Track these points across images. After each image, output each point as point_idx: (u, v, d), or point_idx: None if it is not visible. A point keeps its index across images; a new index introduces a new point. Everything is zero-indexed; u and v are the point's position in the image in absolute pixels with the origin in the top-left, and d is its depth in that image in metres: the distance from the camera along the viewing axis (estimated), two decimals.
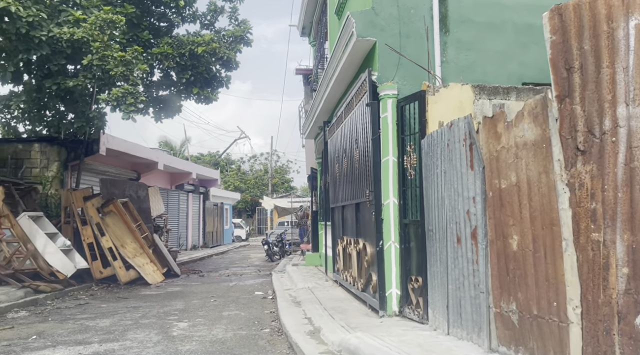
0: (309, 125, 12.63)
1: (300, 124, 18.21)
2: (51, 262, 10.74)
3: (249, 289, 10.97)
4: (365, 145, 6.85)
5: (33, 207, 12.00)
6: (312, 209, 13.98)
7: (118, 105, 9.38)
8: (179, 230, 22.34)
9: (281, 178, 50.72)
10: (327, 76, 8.88)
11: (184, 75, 11.51)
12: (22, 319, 7.36)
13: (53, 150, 13.47)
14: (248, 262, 19.22)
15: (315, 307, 7.36)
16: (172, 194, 21.94)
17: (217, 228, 29.31)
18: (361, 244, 7.31)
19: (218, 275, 14.16)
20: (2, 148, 13.37)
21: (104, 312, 8.10)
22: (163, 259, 13.82)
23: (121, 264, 11.83)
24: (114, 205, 12.64)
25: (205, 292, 10.62)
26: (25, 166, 13.14)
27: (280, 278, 12.01)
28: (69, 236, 12.05)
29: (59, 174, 13.47)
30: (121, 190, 13.97)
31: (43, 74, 9.79)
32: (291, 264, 14.59)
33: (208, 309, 8.36)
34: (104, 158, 15.37)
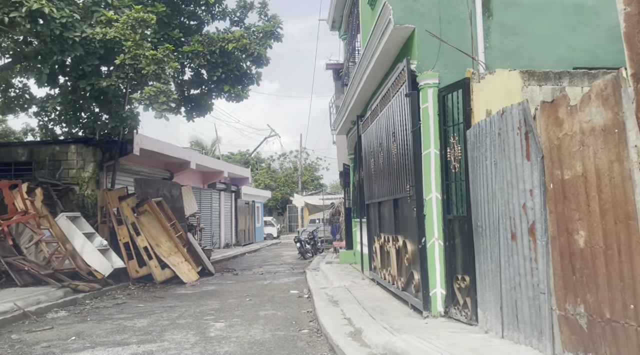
0: (341, 120, 12.37)
1: (331, 120, 17.98)
2: (89, 262, 10.86)
3: (284, 288, 10.82)
4: (404, 138, 6.55)
5: (71, 207, 12.17)
6: (345, 206, 13.73)
7: (151, 104, 9.36)
8: (212, 229, 22.47)
9: (311, 175, 50.64)
10: (360, 68, 8.61)
11: (215, 73, 11.43)
12: (62, 319, 7.39)
13: (89, 151, 13.66)
14: (281, 260, 19.14)
15: (354, 307, 7.12)
16: (205, 192, 22.08)
17: (249, 226, 29.42)
18: (401, 241, 7.02)
19: (252, 273, 14.09)
20: (40, 150, 13.64)
21: (141, 311, 8.08)
22: (197, 258, 13.85)
23: (156, 263, 11.88)
24: (149, 204, 12.70)
25: (240, 290, 10.53)
26: (62, 167, 13.37)
27: (314, 276, 11.82)
28: (105, 236, 12.18)
29: (95, 175, 13.65)
30: (155, 190, 14.06)
31: (77, 75, 9.88)
32: (325, 261, 14.39)
33: (244, 309, 8.23)
34: (138, 158, 15.52)
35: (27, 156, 13.62)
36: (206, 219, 21.63)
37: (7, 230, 9.86)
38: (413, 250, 6.46)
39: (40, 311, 7.59)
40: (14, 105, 13.64)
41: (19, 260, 9.42)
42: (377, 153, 8.49)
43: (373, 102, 8.72)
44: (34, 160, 13.57)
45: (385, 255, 8.23)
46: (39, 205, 10.98)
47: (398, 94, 6.73)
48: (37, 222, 10.21)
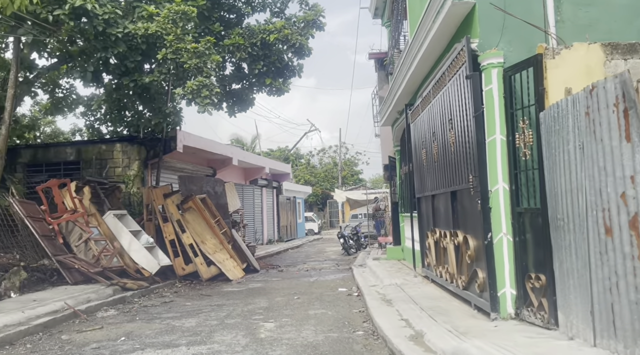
0: (386, 111, 11.87)
1: (374, 112, 17.47)
2: (136, 260, 10.86)
3: (331, 285, 10.48)
4: (463, 124, 6.03)
5: (117, 205, 12.25)
6: (391, 200, 13.22)
7: (193, 98, 9.20)
8: (255, 225, 22.43)
9: (350, 170, 50.15)
10: (410, 53, 8.10)
11: (256, 66, 11.17)
12: (111, 318, 7.30)
13: (133, 150, 13.74)
14: (324, 256, 18.83)
15: (411, 307, 6.67)
16: (247, 189, 22.04)
17: (291, 222, 29.30)
18: (460, 237, 6.51)
19: (297, 270, 13.82)
20: (87, 149, 13.83)
21: (189, 310, 7.91)
22: (242, 255, 13.71)
23: (202, 260, 11.78)
24: (193, 201, 12.63)
25: (286, 288, 10.25)
26: (108, 166, 13.51)
27: (362, 273, 11.41)
28: (151, 233, 12.19)
29: (140, 172, 13.72)
30: (199, 187, 14.00)
31: (120, 72, 9.85)
32: (371, 258, 13.95)
33: (293, 308, 7.93)
34: (181, 155, 15.54)
35: (75, 155, 13.84)
36: (249, 215, 21.59)
37: (57, 229, 9.96)
38: (476, 246, 5.94)
39: (90, 310, 7.54)
40: (62, 105, 13.88)
41: (69, 258, 9.48)
42: (430, 143, 7.97)
43: (424, 89, 8.19)
44: (81, 159, 13.76)
45: (440, 252, 7.72)
46: (87, 203, 11.07)
47: (456, 77, 6.21)
48: (86, 221, 10.27)
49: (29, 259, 9.28)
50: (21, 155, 13.84)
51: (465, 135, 5.98)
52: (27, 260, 9.19)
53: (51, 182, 10.14)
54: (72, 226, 10.24)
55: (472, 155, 5.69)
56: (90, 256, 10.09)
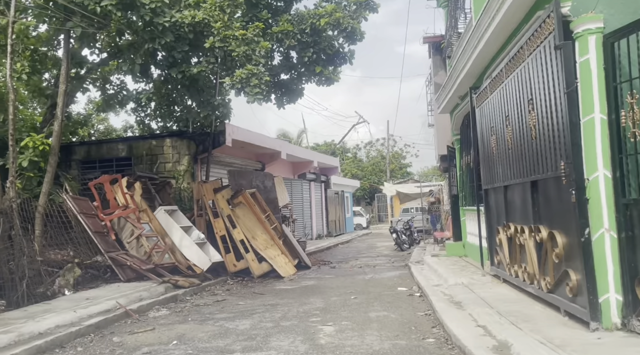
0: (445, 97, 11.05)
1: (427, 100, 16.62)
2: (188, 256, 10.65)
3: (389, 283, 9.84)
4: (549, 104, 5.23)
5: (168, 201, 12.11)
6: (450, 193, 12.40)
7: (242, 88, 8.79)
8: (304, 220, 22.06)
9: (398, 163, 49.01)
10: (478, 30, 7.30)
11: (306, 54, 10.64)
12: (163, 318, 7.01)
13: (183, 144, 13.59)
14: (376, 251, 18.19)
15: (486, 311, 5.95)
16: (295, 183, 21.68)
17: (339, 216, 28.78)
18: (544, 233, 5.71)
19: (350, 266, 13.27)
20: (138, 145, 13.81)
21: (242, 310, 7.52)
22: (293, 250, 13.30)
23: (253, 256, 11.45)
24: (243, 196, 12.32)
25: (341, 286, 9.72)
26: (159, 161, 13.42)
27: (420, 270, 10.71)
28: (202, 229, 11.97)
29: (190, 168, 13.56)
30: (248, 181, 13.70)
31: (168, 63, 9.59)
32: (428, 254, 13.18)
33: (351, 309, 7.37)
34: (230, 150, 15.30)
35: (126, 152, 13.85)
36: (297, 210, 21.23)
37: (109, 225, 9.87)
38: (566, 243, 5.15)
39: (142, 309, 7.29)
40: (113, 102, 13.92)
41: (122, 255, 9.35)
42: (501, 128, 7.16)
43: (494, 69, 7.38)
44: (133, 155, 13.76)
45: (515, 249, 6.92)
46: (138, 199, 10.95)
47: (539, 50, 5.40)
48: (137, 217, 10.13)
49: (82, 255, 9.21)
50: (75, 152, 14.01)
51: (551, 116, 5.18)
52: (81, 257, 9.12)
53: (103, 178, 10.06)
54: (123, 222, 10.14)
55: (563, 139, 4.90)
56: (142, 253, 9.94)
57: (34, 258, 7.90)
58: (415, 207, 26.28)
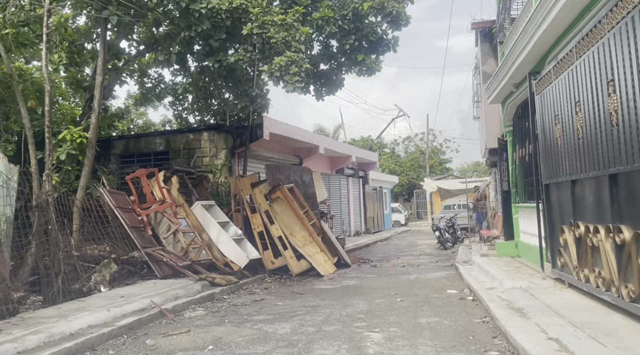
0: (497, 85, 10.25)
1: (474, 90, 15.74)
2: (225, 252, 10.32)
3: (436, 285, 9.20)
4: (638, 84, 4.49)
5: (205, 196, 11.84)
6: (501, 189, 11.57)
7: (281, 76, 8.32)
8: (342, 216, 21.53)
9: (438, 159, 47.70)
10: (543, 7, 6.55)
11: (347, 41, 10.07)
12: (199, 319, 6.64)
13: (220, 138, 13.31)
14: (418, 249, 17.47)
15: (556, 321, 5.26)
16: (333, 178, 21.17)
17: (378, 213, 28.11)
18: (627, 234, 4.96)
19: (392, 265, 12.65)
20: (175, 139, 13.63)
21: (281, 312, 7.07)
22: (332, 248, 12.81)
23: (292, 253, 11.02)
24: (281, 191, 11.91)
25: (385, 287, 9.15)
26: (196, 155, 13.19)
27: (469, 271, 10.00)
28: (239, 225, 11.64)
29: (227, 162, 13.27)
30: (286, 176, 13.29)
31: (205, 52, 9.24)
32: (477, 253, 12.40)
33: (398, 313, 6.80)
34: (267, 144, 14.93)
35: (164, 145, 13.71)
36: (335, 206, 20.72)
37: (146, 220, 9.64)
38: None
39: (177, 308, 6.95)
40: (151, 95, 13.78)
41: (158, 251, 9.09)
42: (569, 115, 6.40)
43: (560, 50, 6.62)
44: (170, 149, 13.60)
45: (586, 251, 6.16)
46: (175, 193, 10.71)
47: (624, 22, 4.66)
48: (174, 211, 9.87)
49: (119, 251, 9.00)
50: (114, 146, 13.97)
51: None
52: (118, 253, 8.91)
53: (139, 171, 9.84)
54: (160, 217, 9.90)
55: None
56: (179, 248, 9.67)
57: (70, 253, 7.71)
58: (458, 203, 25.30)
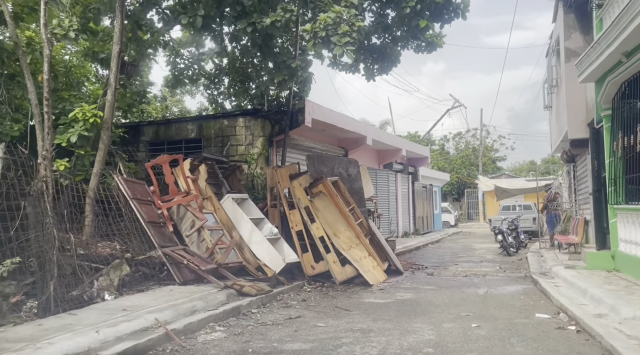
0: (596, 56, 8.20)
1: (549, 75, 13.55)
2: (258, 254, 8.85)
3: (516, 304, 7.33)
4: None
5: (238, 188, 10.41)
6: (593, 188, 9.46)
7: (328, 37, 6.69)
8: (389, 215, 19.72)
9: (490, 157, 44.72)
10: None
11: (407, 4, 8.29)
12: (215, 347, 5.12)
13: (257, 124, 11.86)
14: (476, 254, 15.45)
15: None
16: (381, 173, 19.38)
17: (427, 213, 26.04)
18: None
19: (452, 274, 10.80)
20: (208, 125, 12.30)
21: (322, 338, 5.46)
22: (381, 251, 11.10)
23: (335, 257, 9.41)
24: (324, 184, 10.31)
25: (450, 304, 7.38)
26: (229, 143, 11.81)
27: (555, 287, 8.06)
28: (275, 222, 10.15)
29: (264, 151, 11.80)
30: (330, 168, 11.68)
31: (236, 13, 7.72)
32: (556, 263, 10.35)
33: (479, 348, 5.03)
34: (309, 132, 13.37)
35: (196, 132, 12.41)
36: (382, 203, 18.94)
37: (167, 214, 8.27)
38: None
39: (191, 328, 5.48)
40: (183, 77, 12.52)
41: (178, 251, 7.68)
42: None
43: None
44: (202, 136, 12.29)
45: None
46: (202, 184, 9.32)
47: None
48: (200, 205, 8.46)
49: (134, 250, 7.67)
50: (143, 132, 12.81)
51: None
52: (132, 252, 7.58)
53: (161, 158, 8.49)
54: (184, 212, 8.51)
55: None
56: (204, 248, 8.24)
57: (71, 252, 6.39)
58: (518, 204, 22.88)
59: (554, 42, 12.78)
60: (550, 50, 13.41)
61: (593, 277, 8.23)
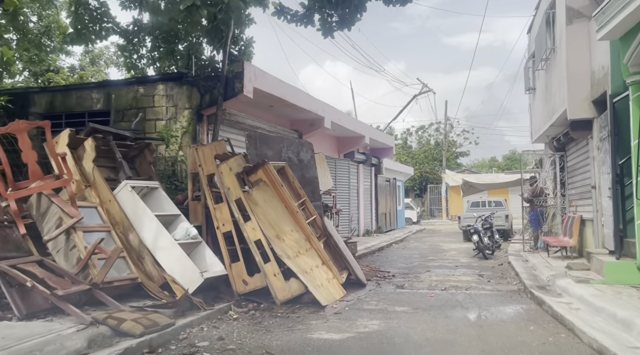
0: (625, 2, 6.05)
1: (538, 48, 11.51)
2: (166, 266, 6.26)
3: (528, 340, 5.08)
4: None
5: (148, 174, 7.71)
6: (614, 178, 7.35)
7: None
8: (350, 212, 17.40)
9: (454, 152, 43.32)
10: None
11: None
12: None
13: (181, 93, 9.21)
14: (448, 257, 13.36)
15: None
16: (341, 164, 16.99)
17: (391, 209, 23.95)
18: None
19: (428, 287, 8.53)
20: (119, 94, 9.54)
21: None
22: (339, 258, 8.72)
23: (276, 268, 6.92)
24: (265, 171, 7.79)
25: (435, 341, 5.07)
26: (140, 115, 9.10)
27: (573, 311, 5.92)
28: (198, 220, 7.57)
29: (191, 127, 9.15)
30: (276, 151, 9.17)
31: None
32: (558, 272, 8.24)
33: None
34: (253, 109, 10.80)
35: (103, 103, 9.62)
36: (343, 198, 16.60)
37: (15, 208, 5.48)
38: None
39: None
40: (87, 31, 9.66)
41: (25, 265, 4.95)
42: None
43: None
44: (112, 108, 9.49)
45: None
46: (88, 167, 6.60)
47: None
48: (70, 195, 5.73)
49: None
50: (34, 102, 9.90)
51: None
52: None
53: (14, 125, 5.68)
54: (47, 204, 5.74)
55: None
56: (74, 260, 5.52)
57: None
58: (487, 200, 21.08)
59: (548, 6, 10.71)
60: (542, 18, 11.34)
61: (623, 297, 6.09)
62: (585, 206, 10.16)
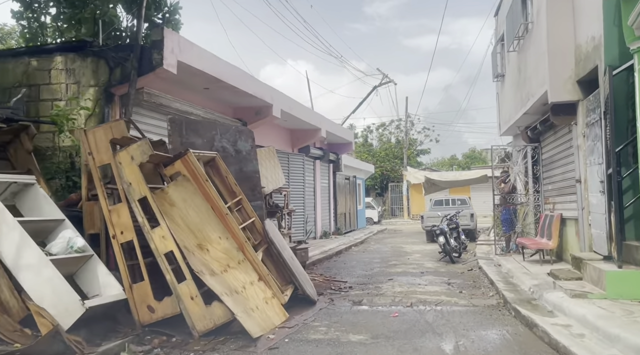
0: None
1: (509, 28, 10.25)
2: (32, 292, 4.45)
3: None
4: None
5: (25, 165, 5.83)
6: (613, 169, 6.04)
7: None
8: (305, 212, 15.80)
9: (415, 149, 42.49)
10: None
11: None
12: None
13: (85, 67, 7.35)
14: (412, 261, 11.99)
15: None
16: (295, 159, 15.36)
17: (350, 209, 22.53)
18: None
19: (390, 303, 7.03)
20: (4, 67, 7.55)
21: None
22: (284, 269, 7.10)
23: (194, 289, 5.22)
24: (184, 162, 6.06)
25: None
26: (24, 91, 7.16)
27: (576, 339, 4.53)
28: (95, 226, 5.79)
29: (97, 109, 7.30)
30: (207, 139, 7.47)
31: None
32: (553, 288, 6.90)
33: None
34: (183, 91, 9.02)
35: None
36: (297, 197, 14.99)
37: None
38: None
39: None
40: None
41: None
42: None
43: None
44: None
45: None
46: None
47: None
48: None
49: None
50: None
51: None
52: None
53: None
54: None
55: None
56: None
57: None
58: (452, 198, 19.98)
59: None
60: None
61: (634, 315, 4.75)
62: (565, 203, 8.96)
